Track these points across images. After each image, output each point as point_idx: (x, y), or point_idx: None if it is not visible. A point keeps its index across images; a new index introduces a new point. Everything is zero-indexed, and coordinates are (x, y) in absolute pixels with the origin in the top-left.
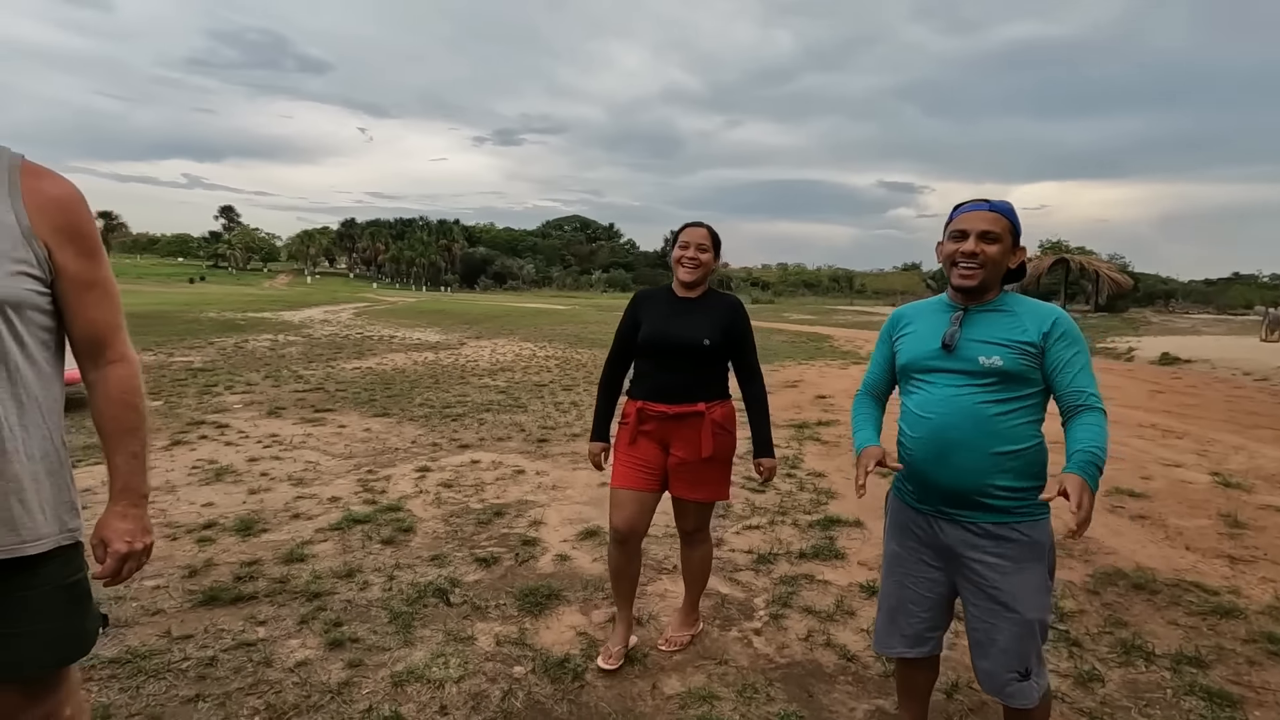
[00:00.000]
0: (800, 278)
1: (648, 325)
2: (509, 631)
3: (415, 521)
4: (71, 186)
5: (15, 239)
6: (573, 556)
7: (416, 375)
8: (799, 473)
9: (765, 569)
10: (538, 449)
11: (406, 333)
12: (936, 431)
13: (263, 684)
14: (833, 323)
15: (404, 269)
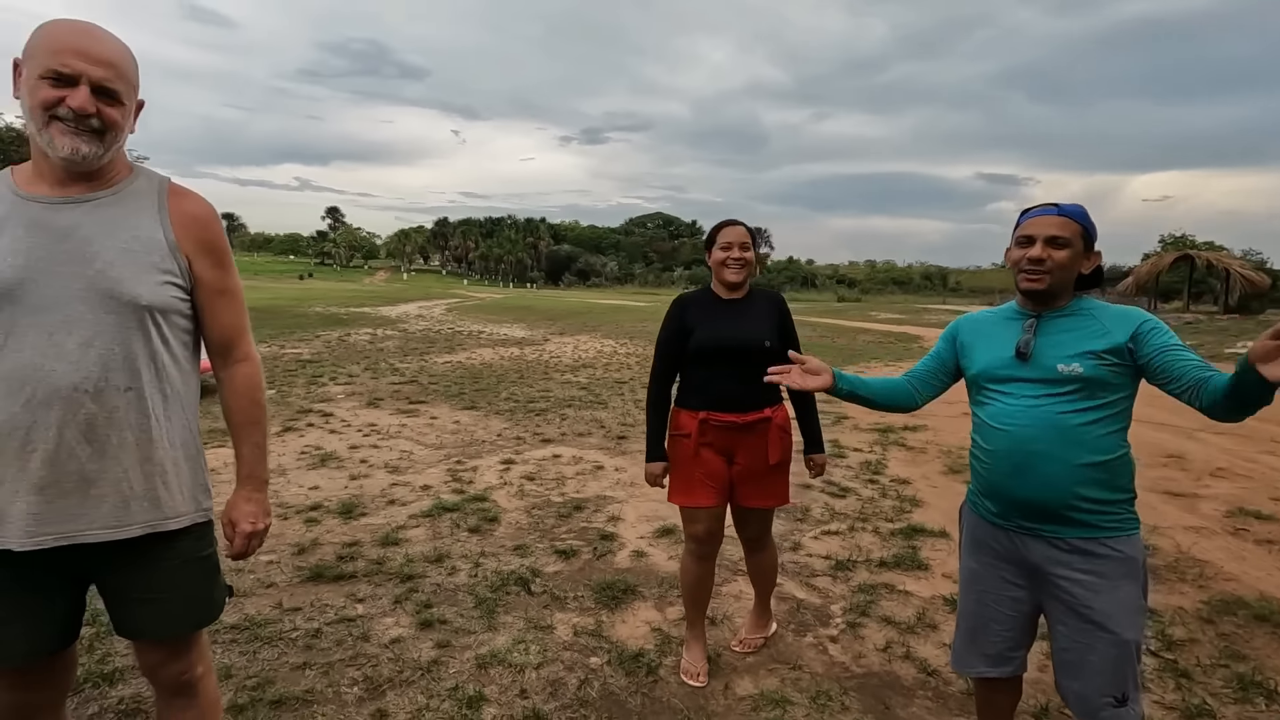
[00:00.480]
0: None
1: (702, 331)
2: (586, 623)
3: (500, 512)
4: (208, 205)
5: (163, 253)
6: (649, 553)
7: (503, 370)
8: (882, 479)
9: (843, 576)
10: (617, 446)
11: (494, 328)
12: (1016, 443)
13: (361, 657)
14: (923, 323)
15: (492, 266)
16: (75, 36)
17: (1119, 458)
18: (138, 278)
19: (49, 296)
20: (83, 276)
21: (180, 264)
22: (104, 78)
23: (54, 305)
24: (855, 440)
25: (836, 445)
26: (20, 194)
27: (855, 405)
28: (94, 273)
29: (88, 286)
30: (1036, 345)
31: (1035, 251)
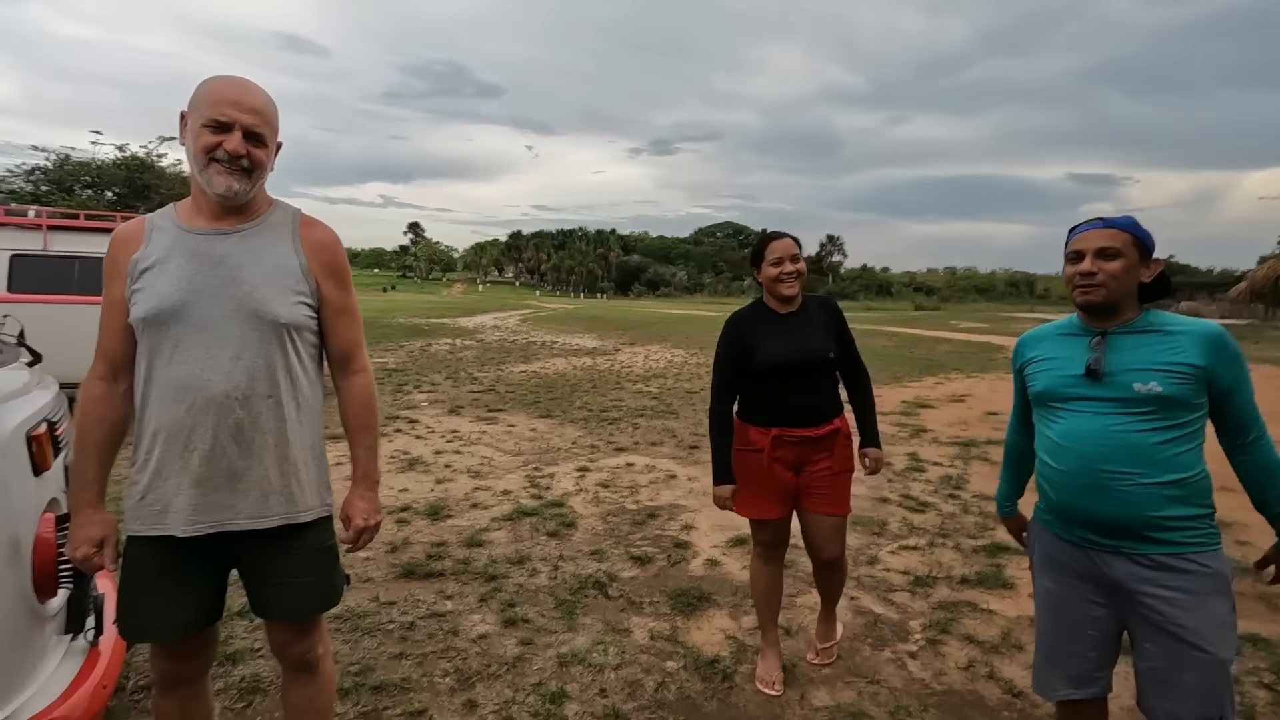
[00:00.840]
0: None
1: (767, 348)
2: (662, 628)
3: (576, 518)
4: (333, 233)
5: (297, 276)
6: (722, 562)
7: (576, 380)
8: (964, 494)
9: (922, 592)
10: (689, 455)
11: (566, 338)
12: (1089, 463)
13: (452, 650)
14: (1009, 332)
15: (564, 277)
16: (230, 90)
17: (1197, 475)
18: (277, 299)
19: (207, 316)
20: (233, 298)
21: (310, 286)
22: (253, 124)
23: (211, 324)
24: (935, 454)
25: (915, 459)
26: (182, 227)
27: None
28: (242, 294)
29: (237, 307)
30: (1108, 363)
31: (1085, 265)
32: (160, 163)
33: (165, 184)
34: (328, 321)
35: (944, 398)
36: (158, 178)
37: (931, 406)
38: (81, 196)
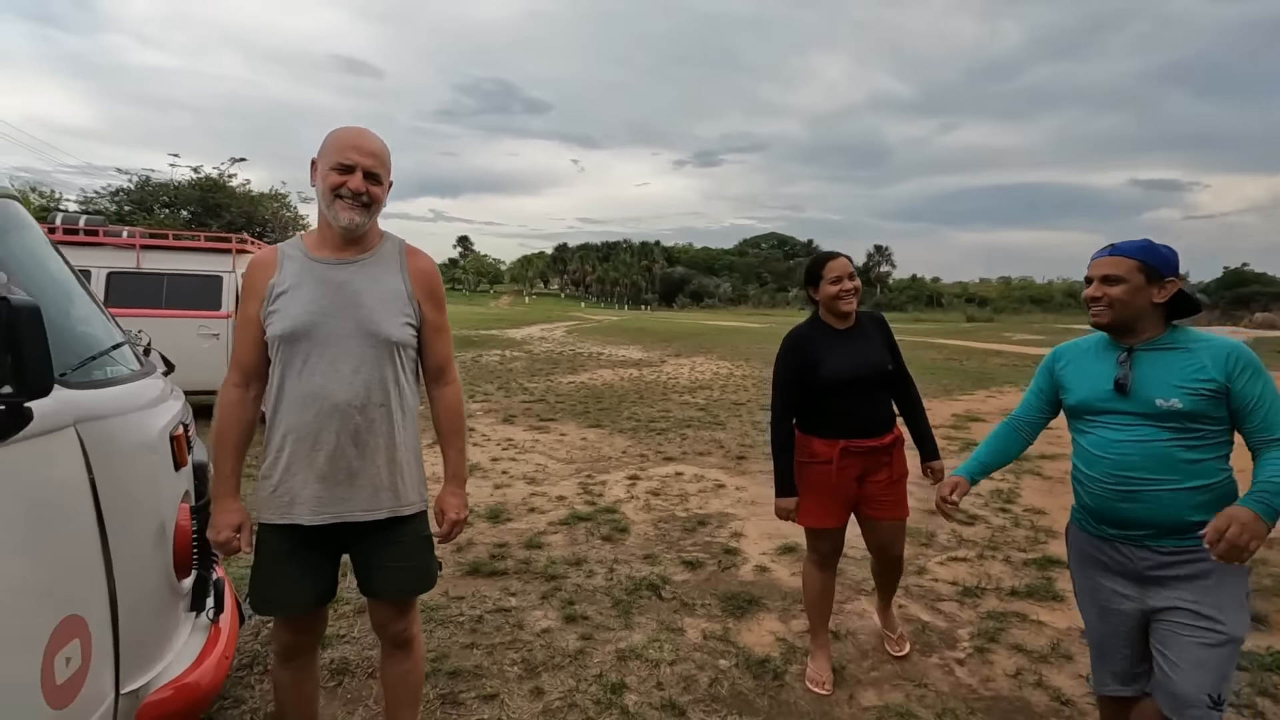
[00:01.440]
0: (1026, 292)
1: (831, 364)
2: (714, 628)
3: (629, 523)
4: (432, 261)
5: (404, 300)
6: (772, 569)
7: (623, 390)
8: (1015, 508)
9: (970, 602)
10: (736, 465)
11: (612, 350)
12: (1121, 471)
13: (518, 642)
14: None
15: (608, 288)
16: (352, 137)
17: (1222, 481)
18: (389, 320)
19: (331, 334)
20: (353, 320)
21: (414, 308)
22: (371, 166)
23: (334, 341)
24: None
25: None
26: (310, 256)
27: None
28: (361, 317)
29: (357, 327)
30: (1134, 378)
31: (1090, 290)
32: (230, 183)
33: (235, 203)
34: (426, 339)
35: (995, 411)
36: (228, 197)
37: (982, 420)
38: (160, 215)
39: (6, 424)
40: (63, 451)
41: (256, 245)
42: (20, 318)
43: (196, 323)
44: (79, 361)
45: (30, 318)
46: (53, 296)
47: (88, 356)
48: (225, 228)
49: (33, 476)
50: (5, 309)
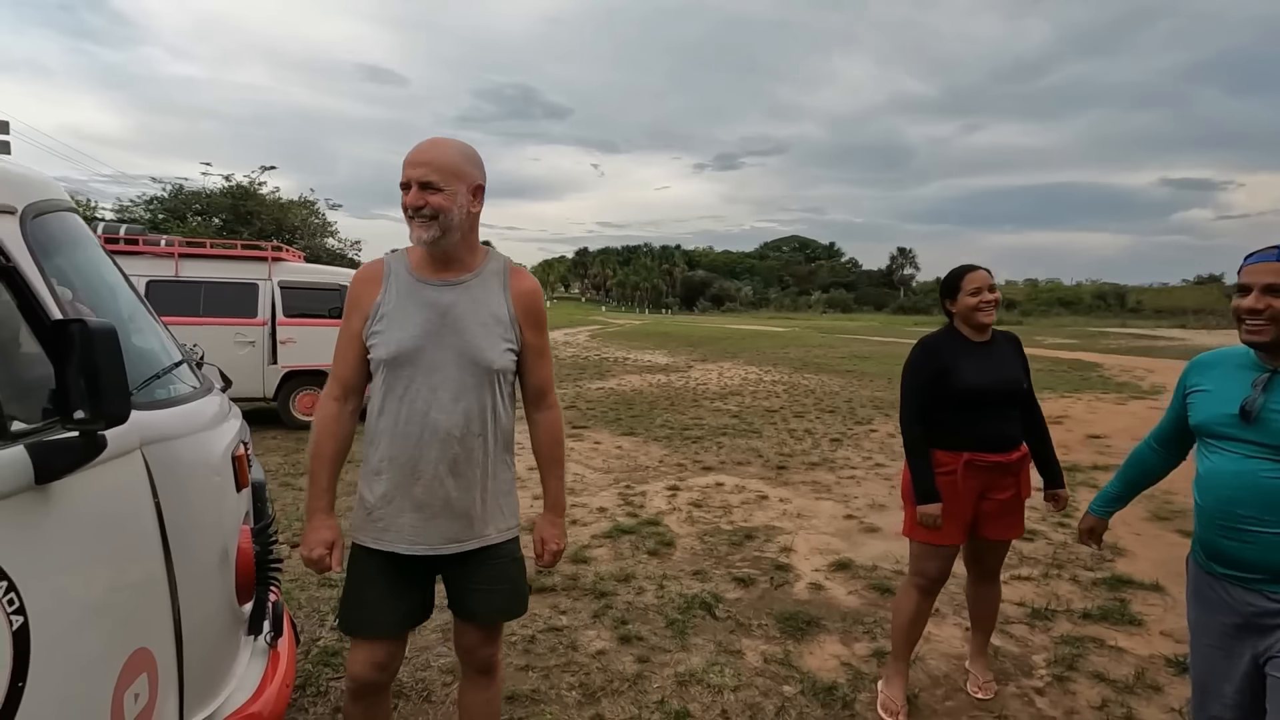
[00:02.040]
0: (1054, 295)
1: (966, 374)
2: (774, 651)
3: (674, 537)
4: (535, 282)
5: (506, 325)
6: (827, 587)
7: (653, 397)
8: (1073, 522)
9: (1041, 625)
10: (777, 475)
11: (637, 354)
12: (1225, 504)
13: (573, 665)
14: (1100, 348)
15: (629, 293)
16: (411, 153)
17: None
18: (491, 348)
19: (435, 360)
20: (456, 346)
21: (516, 332)
22: (420, 175)
23: (437, 367)
24: (1035, 479)
25: None
26: (414, 275)
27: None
28: (463, 343)
29: (459, 354)
30: (1265, 406)
31: (1248, 301)
32: (260, 190)
33: (265, 210)
34: (526, 362)
35: None
36: (259, 204)
37: None
38: (192, 223)
39: (82, 453)
40: (130, 476)
41: (291, 253)
42: (97, 341)
43: (233, 330)
44: (143, 380)
45: (108, 341)
46: (115, 312)
47: (151, 375)
48: (256, 235)
49: (102, 503)
50: (81, 332)
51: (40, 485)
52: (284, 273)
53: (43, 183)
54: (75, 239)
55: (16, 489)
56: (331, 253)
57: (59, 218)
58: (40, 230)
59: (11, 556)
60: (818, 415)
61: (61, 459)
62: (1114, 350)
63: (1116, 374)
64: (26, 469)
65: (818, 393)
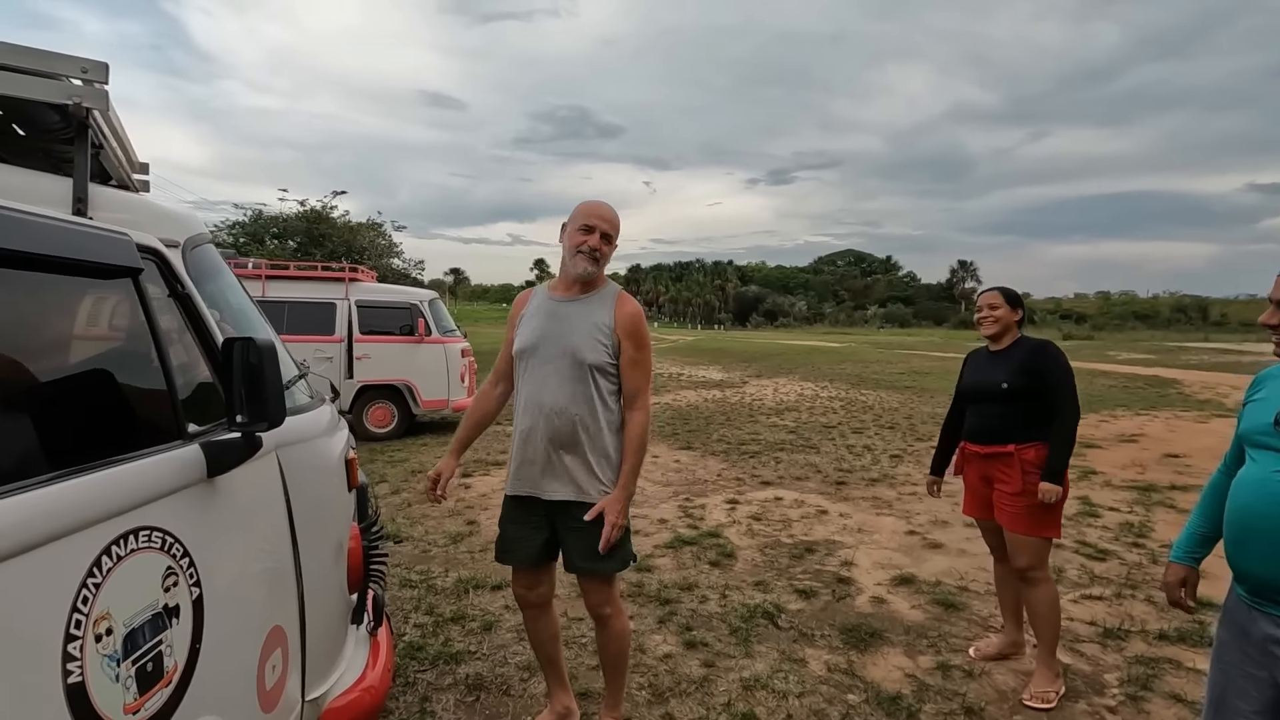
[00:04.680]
0: (1128, 308)
1: (964, 377)
2: (838, 661)
3: (735, 549)
4: (638, 306)
5: (607, 334)
6: (889, 600)
7: (709, 412)
8: (1149, 543)
9: (1114, 645)
10: (837, 491)
11: (691, 370)
12: (1240, 514)
13: (642, 666)
14: (1180, 363)
15: (681, 308)
16: (595, 207)
17: None
18: (591, 348)
19: (547, 354)
20: (562, 344)
21: (614, 342)
22: (607, 229)
23: (549, 359)
24: (1109, 498)
25: (1087, 503)
26: (549, 295)
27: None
28: (569, 343)
29: (565, 350)
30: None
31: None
32: (332, 214)
33: (336, 233)
34: (623, 370)
35: (1111, 437)
36: (331, 227)
37: (1098, 446)
38: (270, 246)
39: (244, 451)
40: (268, 474)
41: (365, 273)
42: (264, 356)
43: (313, 347)
44: None
45: (271, 355)
46: (248, 331)
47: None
48: (328, 256)
49: (251, 496)
50: (249, 348)
51: (211, 478)
52: (359, 292)
53: (194, 218)
54: (217, 268)
55: (195, 480)
56: (397, 272)
57: (205, 250)
58: (196, 261)
59: (193, 538)
60: (877, 431)
61: (228, 456)
62: (1194, 366)
63: (1197, 391)
64: (201, 464)
65: (876, 409)
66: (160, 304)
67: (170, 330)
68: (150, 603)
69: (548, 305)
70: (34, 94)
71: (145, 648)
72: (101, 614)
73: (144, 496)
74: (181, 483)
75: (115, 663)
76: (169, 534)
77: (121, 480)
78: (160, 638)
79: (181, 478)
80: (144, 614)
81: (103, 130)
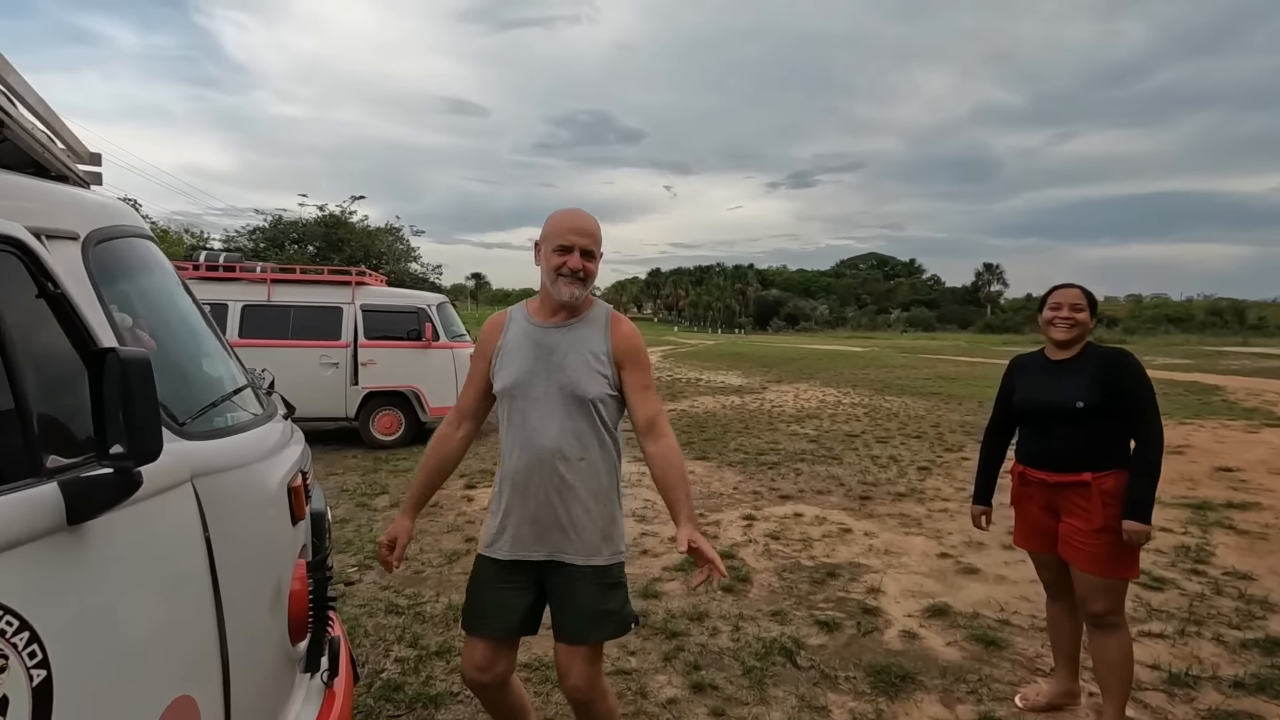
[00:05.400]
0: (1161, 311)
1: (1020, 391)
2: (864, 710)
3: (750, 572)
4: (633, 327)
5: (604, 362)
6: (922, 635)
7: (727, 419)
8: (1210, 569)
9: (1184, 694)
10: (861, 507)
11: (710, 375)
12: None
13: (643, 714)
14: (1220, 369)
15: (701, 313)
16: (571, 220)
17: None
18: (589, 381)
19: (540, 391)
20: (557, 379)
21: (612, 370)
22: (587, 245)
23: (542, 397)
24: (1159, 517)
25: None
26: (530, 320)
27: None
28: (564, 378)
29: (560, 386)
30: None
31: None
32: (351, 219)
33: (354, 237)
34: (631, 397)
35: None
36: (349, 232)
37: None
38: (289, 251)
39: (117, 490)
40: (178, 510)
41: (374, 277)
42: (130, 370)
43: (319, 352)
44: (199, 409)
45: (140, 371)
46: (181, 338)
47: (208, 403)
48: (346, 260)
49: (145, 541)
50: (113, 360)
51: (73, 525)
52: (366, 296)
53: (114, 210)
54: (145, 265)
55: (46, 530)
56: (415, 277)
57: (128, 244)
58: (105, 256)
59: (36, 604)
60: (903, 441)
61: (96, 497)
62: (1235, 371)
63: (1242, 398)
64: (58, 508)
65: (901, 416)
66: (19, 306)
67: (30, 340)
68: None
69: (532, 334)
70: None
71: None
72: None
73: None
74: (20, 535)
75: None
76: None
77: None
78: None
79: (22, 527)
80: None
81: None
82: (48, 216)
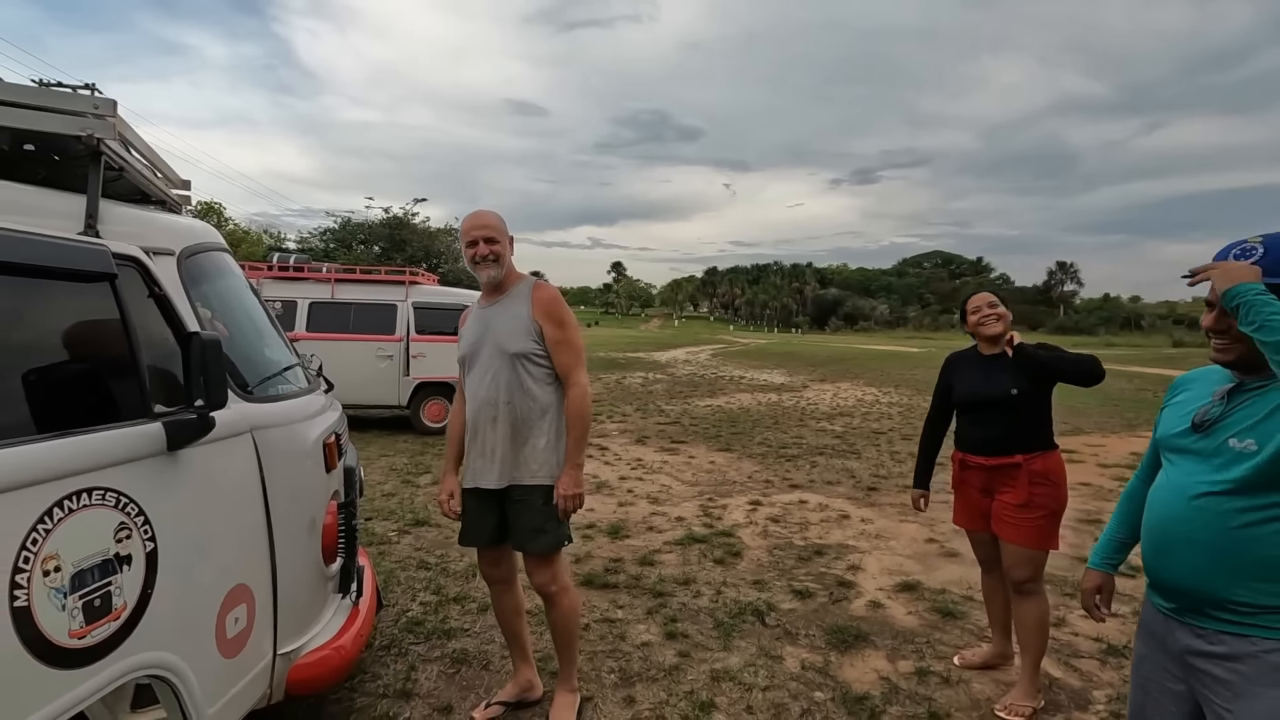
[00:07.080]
0: None
1: (958, 385)
2: (814, 660)
3: (743, 548)
4: (554, 291)
5: (527, 324)
6: (887, 605)
7: (759, 415)
8: None
9: (1115, 662)
10: (866, 496)
11: (754, 374)
12: (1161, 520)
13: (618, 652)
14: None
15: (757, 311)
16: (470, 220)
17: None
18: (513, 339)
19: (482, 355)
20: (491, 342)
21: (535, 328)
22: (484, 233)
23: (484, 360)
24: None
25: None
26: (479, 305)
27: None
28: (497, 339)
29: (494, 346)
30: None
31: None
32: (413, 220)
33: (416, 238)
34: (552, 351)
35: None
36: (411, 233)
37: None
38: (356, 251)
39: (198, 430)
40: (242, 453)
41: (427, 277)
42: (207, 348)
43: (375, 346)
44: (258, 381)
45: (214, 348)
46: (246, 329)
47: (265, 377)
48: (407, 260)
49: (219, 472)
50: (195, 341)
51: (171, 452)
52: (418, 294)
53: (199, 230)
54: (222, 272)
55: (153, 453)
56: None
57: (210, 256)
58: (192, 267)
59: (149, 500)
60: None
61: (185, 433)
62: None
63: None
64: (161, 439)
65: None
66: (137, 303)
67: (146, 325)
68: (100, 550)
69: (479, 314)
70: (55, 128)
71: (92, 586)
72: (50, 554)
73: (94, 463)
74: (139, 453)
75: (63, 595)
76: (123, 494)
77: (71, 448)
78: (109, 580)
79: (139, 449)
80: (93, 559)
81: (121, 156)
82: (154, 239)
